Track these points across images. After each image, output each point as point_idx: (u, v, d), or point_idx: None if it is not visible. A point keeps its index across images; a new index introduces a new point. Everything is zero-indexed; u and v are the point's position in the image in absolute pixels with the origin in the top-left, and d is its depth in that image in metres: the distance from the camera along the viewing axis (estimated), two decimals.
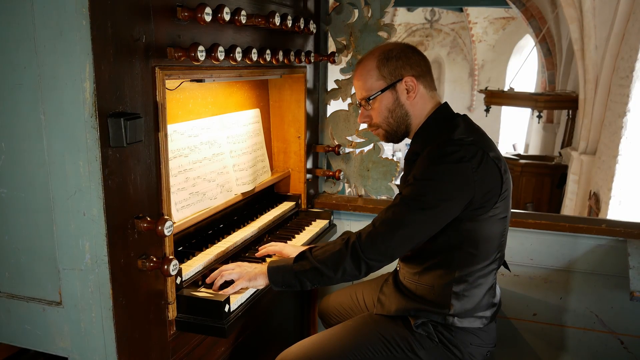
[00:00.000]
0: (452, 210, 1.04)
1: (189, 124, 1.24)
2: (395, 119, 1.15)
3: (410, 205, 1.03)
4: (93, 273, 0.85)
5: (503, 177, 1.06)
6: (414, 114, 1.15)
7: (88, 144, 0.79)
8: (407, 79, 1.11)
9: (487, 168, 1.04)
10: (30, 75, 0.80)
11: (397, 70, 1.12)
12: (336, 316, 1.44)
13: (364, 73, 1.15)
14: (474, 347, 1.14)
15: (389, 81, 1.12)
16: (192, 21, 0.97)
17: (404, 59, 1.12)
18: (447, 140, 1.05)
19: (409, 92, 1.12)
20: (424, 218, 1.03)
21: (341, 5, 1.64)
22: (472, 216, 1.06)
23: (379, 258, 1.05)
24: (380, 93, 1.13)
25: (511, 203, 1.14)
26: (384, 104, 1.14)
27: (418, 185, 1.04)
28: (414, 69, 1.12)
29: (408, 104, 1.14)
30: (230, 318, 1.02)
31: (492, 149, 1.07)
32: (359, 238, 1.06)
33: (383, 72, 1.12)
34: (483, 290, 1.14)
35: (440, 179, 1.02)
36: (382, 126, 1.18)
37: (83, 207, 0.82)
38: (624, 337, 1.57)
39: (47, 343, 0.92)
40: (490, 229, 1.09)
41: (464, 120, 1.12)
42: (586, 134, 4.85)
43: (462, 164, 1.01)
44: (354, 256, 1.05)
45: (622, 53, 4.20)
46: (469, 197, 1.03)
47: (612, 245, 1.53)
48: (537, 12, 7.01)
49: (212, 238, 1.29)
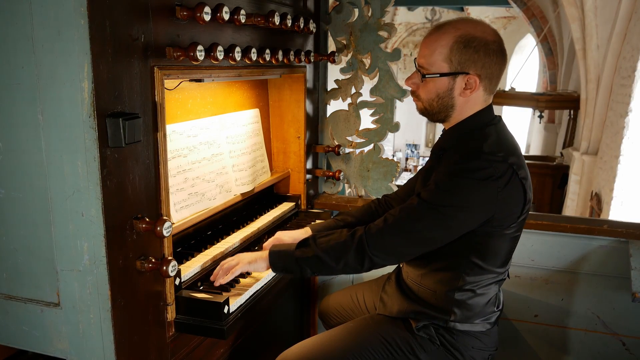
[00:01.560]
0: (468, 224, 1.01)
1: (188, 124, 1.24)
2: (439, 105, 1.07)
3: (428, 211, 1.00)
4: (91, 274, 0.84)
5: (526, 198, 1.03)
6: (459, 110, 1.07)
7: (86, 144, 0.79)
8: (472, 77, 1.02)
9: (513, 189, 1.00)
10: (28, 75, 0.80)
11: (467, 63, 1.01)
12: (336, 317, 1.43)
13: (435, 44, 1.03)
14: (476, 351, 1.13)
15: (454, 69, 1.02)
16: (191, 20, 0.96)
17: (481, 54, 1.00)
18: (478, 152, 0.99)
19: (466, 89, 1.03)
20: (438, 227, 1.00)
21: (341, 4, 1.63)
22: (485, 232, 1.03)
23: (384, 256, 1.03)
24: (438, 76, 1.03)
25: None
26: (436, 87, 1.05)
27: (439, 194, 1.00)
28: (485, 68, 1.02)
29: (459, 99, 1.05)
30: (230, 319, 1.02)
31: (521, 166, 1.02)
32: (367, 232, 1.03)
33: (453, 56, 1.01)
34: (485, 300, 1.13)
35: (464, 193, 0.98)
36: (424, 102, 1.09)
37: (81, 207, 0.82)
38: (625, 339, 1.56)
39: (45, 344, 0.92)
40: (501, 245, 1.07)
41: (496, 130, 1.06)
42: (588, 134, 4.83)
43: (489, 182, 0.97)
44: (359, 249, 1.03)
45: (624, 52, 4.18)
46: (489, 216, 1.00)
47: (614, 246, 1.52)
48: (538, 12, 6.99)
49: (212, 239, 1.29)
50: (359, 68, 1.67)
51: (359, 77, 1.69)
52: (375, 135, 1.72)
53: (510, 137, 1.09)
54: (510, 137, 1.09)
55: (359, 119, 1.74)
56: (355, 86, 1.70)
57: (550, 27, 6.88)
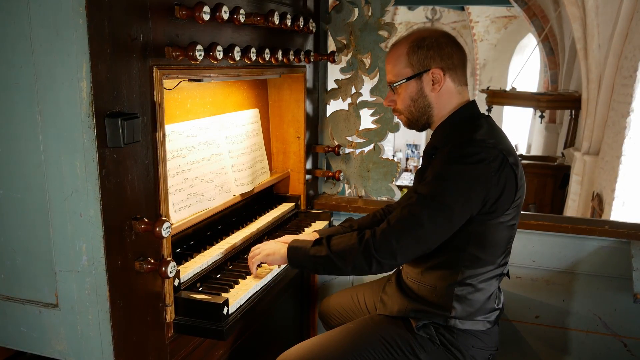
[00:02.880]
0: (467, 211, 1.03)
1: (187, 124, 1.23)
2: (417, 108, 1.13)
3: (427, 204, 1.03)
4: (90, 275, 0.84)
5: (518, 184, 1.05)
6: (437, 107, 1.12)
7: (85, 145, 0.79)
8: (435, 71, 1.09)
9: (505, 173, 1.02)
10: (26, 75, 0.80)
11: (426, 60, 1.09)
12: (336, 318, 1.43)
13: (394, 58, 1.13)
14: (476, 350, 1.13)
15: (416, 70, 1.10)
16: (190, 20, 0.96)
17: (435, 49, 1.08)
18: (469, 140, 1.03)
19: (434, 84, 1.10)
20: (440, 217, 1.02)
21: (341, 3, 1.63)
22: (482, 220, 1.05)
23: (391, 257, 1.05)
24: (405, 81, 1.11)
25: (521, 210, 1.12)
26: (408, 92, 1.12)
27: (436, 185, 1.03)
28: (444, 60, 1.09)
29: (432, 96, 1.11)
30: (229, 320, 1.02)
31: (512, 153, 1.06)
32: (373, 235, 1.06)
33: (412, 60, 1.10)
34: (486, 295, 1.13)
35: (459, 179, 1.01)
36: (404, 113, 1.17)
37: (80, 208, 0.81)
38: (627, 340, 1.56)
39: (43, 346, 0.91)
40: (498, 235, 1.08)
41: (487, 122, 1.10)
42: (589, 134, 4.82)
43: (482, 165, 1.00)
44: (366, 253, 1.05)
45: (626, 52, 4.17)
46: (485, 197, 1.02)
47: (616, 246, 1.51)
48: (539, 11, 6.98)
49: (211, 239, 1.28)
50: (359, 68, 1.67)
51: (359, 77, 1.68)
52: (375, 135, 1.72)
53: (500, 130, 1.12)
54: (500, 130, 1.12)
55: (359, 119, 1.73)
56: (355, 86, 1.70)
57: (551, 26, 6.86)
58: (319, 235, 1.34)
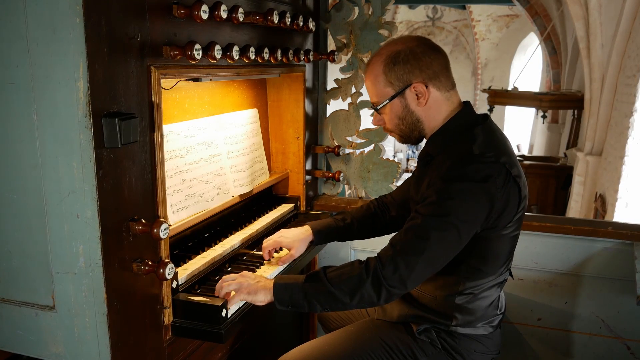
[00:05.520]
0: (474, 229, 1.00)
1: (185, 124, 1.22)
2: (406, 125, 1.09)
3: (434, 225, 0.97)
4: (87, 277, 0.83)
5: (521, 195, 1.03)
6: (427, 119, 1.08)
7: (82, 145, 0.78)
8: (416, 85, 1.04)
9: (509, 187, 0.99)
10: (22, 75, 0.79)
11: (405, 76, 1.04)
12: (336, 320, 1.42)
13: (372, 77, 1.09)
14: (478, 354, 1.12)
15: (397, 88, 1.05)
16: (188, 19, 0.95)
17: (412, 62, 1.03)
18: (468, 156, 0.99)
19: (419, 98, 1.05)
20: (449, 239, 0.98)
21: (341, 2, 1.62)
22: (484, 234, 1.02)
23: (400, 284, 0.99)
24: (388, 102, 1.07)
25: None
26: (394, 111, 1.08)
27: (441, 204, 0.98)
28: (423, 72, 1.04)
29: (419, 110, 1.07)
30: (228, 323, 1.01)
31: (514, 164, 1.02)
32: (379, 263, 1.00)
33: (390, 78, 1.05)
34: (487, 303, 1.11)
35: (465, 197, 0.97)
36: (394, 131, 1.13)
37: (77, 209, 0.81)
38: (630, 343, 1.54)
39: (40, 349, 0.90)
40: (501, 246, 1.06)
41: (483, 130, 1.04)
42: (592, 135, 4.79)
43: (488, 183, 0.97)
44: (375, 282, 0.98)
45: (629, 51, 4.14)
46: (488, 212, 0.99)
47: (619, 248, 1.50)
48: (541, 10, 6.95)
49: (209, 241, 1.27)
50: (360, 67, 1.66)
51: (360, 77, 1.67)
52: (375, 135, 1.70)
53: (499, 136, 1.07)
54: (499, 136, 1.07)
55: (359, 119, 1.72)
56: (355, 85, 1.69)
57: (553, 25, 6.83)
58: (312, 228, 1.30)
